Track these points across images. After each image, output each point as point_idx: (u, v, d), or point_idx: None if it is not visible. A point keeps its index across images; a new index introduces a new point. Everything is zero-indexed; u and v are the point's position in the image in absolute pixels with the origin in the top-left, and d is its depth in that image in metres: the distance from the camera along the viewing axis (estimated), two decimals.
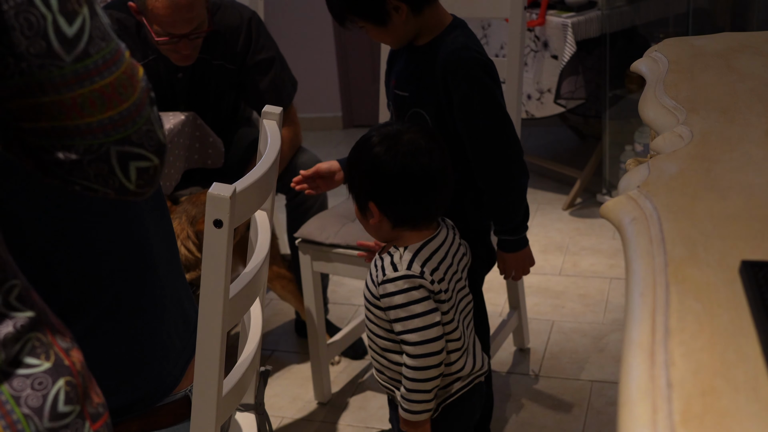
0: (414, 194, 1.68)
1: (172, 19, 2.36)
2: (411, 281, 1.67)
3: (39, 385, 0.85)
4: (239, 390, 1.40)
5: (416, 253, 1.70)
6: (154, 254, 1.49)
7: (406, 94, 2.01)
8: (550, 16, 3.50)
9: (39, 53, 0.80)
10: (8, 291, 0.85)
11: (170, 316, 1.52)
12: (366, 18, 1.93)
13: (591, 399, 2.52)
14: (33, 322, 0.87)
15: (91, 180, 0.87)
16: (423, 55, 1.98)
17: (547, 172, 4.12)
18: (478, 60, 1.92)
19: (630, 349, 0.80)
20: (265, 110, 1.56)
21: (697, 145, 1.24)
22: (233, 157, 2.75)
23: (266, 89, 2.64)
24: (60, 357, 0.88)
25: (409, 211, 1.70)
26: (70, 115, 0.83)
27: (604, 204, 1.13)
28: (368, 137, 1.72)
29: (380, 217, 1.70)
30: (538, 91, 3.61)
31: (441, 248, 1.74)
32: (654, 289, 0.89)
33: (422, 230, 1.74)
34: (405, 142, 1.68)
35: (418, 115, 1.99)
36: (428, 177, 1.68)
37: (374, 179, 1.69)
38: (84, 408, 0.89)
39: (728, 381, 0.74)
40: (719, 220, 1.02)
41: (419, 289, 1.67)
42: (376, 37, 1.99)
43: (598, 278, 3.21)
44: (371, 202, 1.70)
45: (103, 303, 1.41)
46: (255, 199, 1.35)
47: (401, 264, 1.69)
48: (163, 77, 2.58)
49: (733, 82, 1.50)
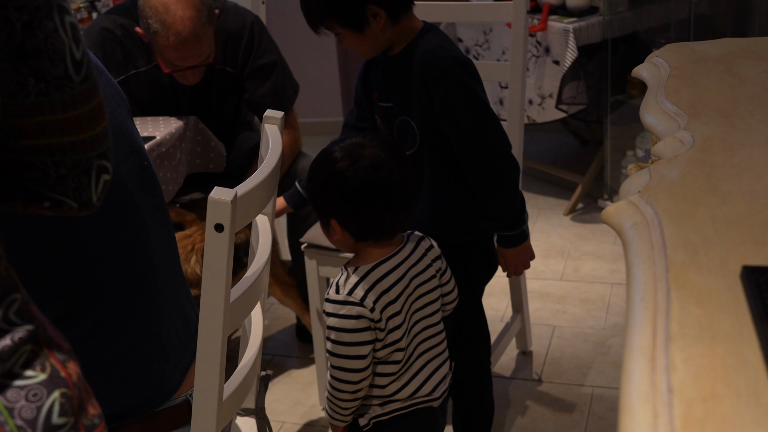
0: (375, 209, 1.64)
1: (181, 54, 2.37)
2: (349, 308, 1.63)
3: (33, 397, 0.85)
4: (240, 394, 1.40)
5: (364, 277, 1.66)
6: (154, 258, 1.49)
7: (391, 105, 2.02)
8: (552, 21, 3.50)
9: (58, 75, 0.87)
10: (9, 306, 0.86)
11: (171, 319, 1.52)
12: (344, 24, 1.92)
13: (592, 404, 2.52)
14: (30, 335, 0.87)
15: (69, 194, 0.93)
16: (399, 64, 1.98)
17: (548, 177, 4.12)
18: (455, 58, 1.93)
19: (631, 354, 0.80)
20: (266, 115, 1.56)
21: (698, 151, 1.24)
22: (235, 162, 2.75)
23: (267, 93, 2.64)
24: (56, 369, 0.88)
25: (371, 226, 1.66)
26: (70, 132, 0.90)
27: (606, 209, 1.13)
28: (329, 152, 1.68)
29: (342, 233, 1.68)
30: (540, 96, 3.61)
31: (398, 268, 1.70)
32: (655, 294, 0.89)
33: (385, 246, 1.71)
34: (366, 156, 1.64)
35: (406, 123, 1.99)
36: (390, 191, 1.64)
37: (335, 195, 1.65)
38: (79, 420, 0.89)
39: (729, 386, 0.74)
40: (720, 225, 1.02)
41: (357, 318, 1.63)
42: (352, 45, 1.97)
43: (599, 283, 3.21)
44: (332, 218, 1.67)
45: (103, 305, 1.41)
46: (256, 204, 1.35)
47: (344, 287, 1.65)
48: (166, 81, 2.58)
49: (734, 87, 1.50)
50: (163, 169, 2.35)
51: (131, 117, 1.54)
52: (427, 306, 1.76)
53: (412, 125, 1.98)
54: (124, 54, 2.52)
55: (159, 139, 2.30)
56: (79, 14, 4.05)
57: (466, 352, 2.10)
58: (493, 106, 3.87)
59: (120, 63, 2.52)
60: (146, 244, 1.48)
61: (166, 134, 2.33)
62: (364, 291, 1.64)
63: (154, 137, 2.30)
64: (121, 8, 2.56)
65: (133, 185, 1.46)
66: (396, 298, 1.68)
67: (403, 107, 1.99)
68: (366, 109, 2.14)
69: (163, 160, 2.31)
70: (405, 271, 1.71)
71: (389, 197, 1.65)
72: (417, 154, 1.99)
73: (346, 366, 1.66)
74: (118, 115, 1.46)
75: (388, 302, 1.66)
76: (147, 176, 1.51)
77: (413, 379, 1.74)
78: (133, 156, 1.47)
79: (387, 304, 1.66)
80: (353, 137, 1.70)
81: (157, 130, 2.35)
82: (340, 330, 1.64)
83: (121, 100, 1.50)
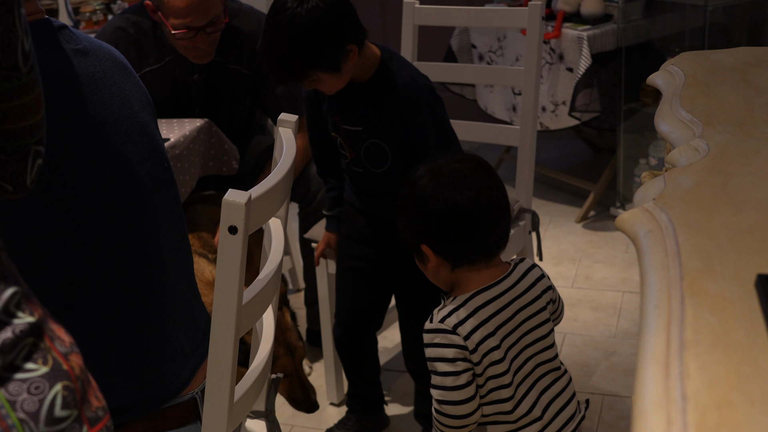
0: (464, 230, 1.56)
1: (188, 10, 2.38)
2: (442, 336, 1.55)
3: (36, 390, 0.85)
4: (251, 396, 1.40)
5: (460, 306, 1.56)
6: (166, 258, 1.50)
7: (360, 129, 2.10)
8: (566, 28, 3.50)
9: (8, 67, 0.91)
10: (9, 299, 0.86)
11: (179, 318, 1.53)
12: (327, 69, 1.96)
13: (602, 412, 2.51)
14: (32, 328, 0.87)
15: (7, 178, 0.96)
16: (370, 91, 2.07)
17: (560, 185, 4.12)
18: (428, 89, 2.08)
19: (645, 361, 0.80)
20: (280, 118, 1.56)
21: (713, 159, 1.24)
22: (247, 165, 2.76)
23: (281, 97, 2.65)
24: (58, 361, 0.88)
25: (463, 248, 1.57)
26: (12, 119, 0.94)
27: (620, 216, 1.13)
28: (414, 175, 1.63)
29: (436, 259, 1.59)
30: (553, 104, 3.60)
31: (500, 298, 1.59)
32: (669, 302, 0.89)
33: (483, 271, 1.60)
34: (446, 173, 1.58)
35: (376, 145, 2.09)
36: (477, 210, 1.56)
37: (420, 217, 1.59)
38: (82, 412, 0.89)
39: (743, 394, 0.73)
40: (735, 234, 1.02)
41: (450, 347, 1.54)
42: (328, 87, 2.02)
43: (610, 291, 3.20)
44: (423, 244, 1.59)
45: (113, 297, 1.42)
46: (270, 207, 1.35)
47: (438, 315, 1.57)
48: (178, 79, 2.59)
49: (749, 96, 1.49)
50: (176, 172, 2.35)
51: (155, 120, 1.55)
52: (538, 341, 1.64)
53: (383, 146, 2.09)
54: (138, 52, 2.54)
55: (173, 141, 2.31)
56: (94, 16, 4.07)
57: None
58: (505, 112, 3.89)
59: (134, 61, 2.53)
60: (159, 243, 1.48)
61: (180, 136, 2.34)
62: (459, 319, 1.55)
63: (168, 139, 2.31)
64: (134, 7, 2.58)
65: (152, 185, 1.47)
66: (495, 330, 1.57)
67: (372, 131, 2.09)
68: (318, 126, 2.24)
69: (176, 162, 2.32)
70: (508, 301, 1.60)
71: (477, 216, 1.56)
72: (388, 172, 2.12)
73: (445, 398, 1.56)
74: (143, 116, 1.48)
75: (486, 335, 1.56)
76: (166, 178, 1.52)
77: (528, 402, 1.62)
78: (154, 157, 1.49)
79: (485, 336, 1.55)
80: (437, 158, 1.65)
81: (171, 132, 2.36)
82: (435, 360, 1.56)
83: (147, 103, 1.52)
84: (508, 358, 1.58)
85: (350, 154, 2.15)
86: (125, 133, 1.43)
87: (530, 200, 2.67)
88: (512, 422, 1.60)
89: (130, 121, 1.45)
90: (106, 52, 1.45)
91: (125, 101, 1.45)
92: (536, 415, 1.61)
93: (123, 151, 1.42)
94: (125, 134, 1.43)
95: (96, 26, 4.04)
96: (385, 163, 2.11)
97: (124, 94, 1.45)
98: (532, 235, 2.67)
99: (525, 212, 2.63)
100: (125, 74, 1.48)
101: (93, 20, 4.07)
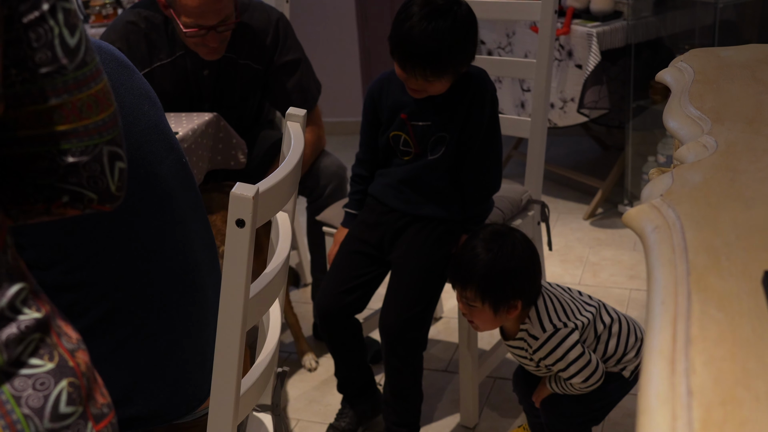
0: (535, 273, 2.04)
1: (201, 10, 2.39)
2: (570, 328, 2.03)
3: (41, 386, 0.85)
4: (257, 390, 1.41)
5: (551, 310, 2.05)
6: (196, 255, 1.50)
7: (429, 123, 2.21)
8: (575, 25, 3.49)
9: (43, 62, 0.87)
10: (15, 295, 0.86)
11: (212, 316, 1.52)
12: (458, 71, 2.13)
13: None
14: (39, 324, 0.87)
15: (84, 184, 0.92)
16: (449, 89, 2.18)
17: (568, 182, 4.11)
18: (493, 86, 2.24)
19: (651, 357, 0.80)
20: (289, 112, 1.56)
21: (721, 155, 1.24)
22: (255, 159, 2.76)
23: (292, 90, 2.65)
24: (64, 358, 0.88)
25: (536, 288, 2.04)
26: (69, 118, 0.89)
27: (627, 212, 1.13)
28: (497, 255, 2.00)
29: (520, 305, 2.01)
30: (562, 100, 3.60)
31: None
32: (676, 298, 0.88)
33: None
34: (511, 239, 2.03)
35: (441, 137, 2.21)
36: (535, 255, 2.05)
37: (521, 277, 2.00)
38: (87, 409, 0.89)
39: (749, 390, 0.73)
40: (743, 230, 1.02)
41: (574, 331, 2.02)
42: (438, 89, 2.14)
43: (617, 289, 3.20)
44: (519, 300, 2.00)
45: (149, 302, 1.42)
46: (277, 200, 1.36)
47: (548, 325, 2.03)
48: (189, 74, 2.60)
49: (759, 93, 1.49)
50: None
51: (164, 116, 1.54)
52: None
53: (446, 138, 2.21)
54: (149, 46, 2.54)
55: (181, 134, 2.31)
56: (104, 10, 4.07)
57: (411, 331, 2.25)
58: (514, 109, 3.89)
59: (145, 56, 2.54)
60: (189, 240, 1.48)
61: (188, 130, 2.34)
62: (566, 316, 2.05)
63: (177, 133, 2.31)
64: (145, 2, 2.58)
65: (175, 182, 1.46)
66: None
67: (441, 125, 2.20)
68: (374, 129, 2.31)
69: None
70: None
71: (536, 259, 2.07)
72: (440, 159, 2.23)
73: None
74: (152, 115, 1.46)
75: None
76: (186, 174, 1.52)
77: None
78: (171, 154, 1.48)
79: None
80: (477, 233, 2.08)
81: (180, 126, 2.36)
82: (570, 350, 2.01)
83: (154, 99, 1.51)
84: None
85: (416, 150, 2.24)
86: (140, 134, 1.42)
87: (540, 191, 2.67)
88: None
89: (143, 120, 1.44)
90: (107, 52, 1.42)
91: (135, 101, 1.43)
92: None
93: (141, 153, 1.41)
94: (140, 135, 1.42)
95: (106, 20, 4.04)
96: (439, 151, 2.24)
97: (133, 94, 1.44)
98: (541, 225, 2.67)
99: (534, 203, 2.63)
100: (129, 73, 1.45)
101: (103, 14, 4.07)
